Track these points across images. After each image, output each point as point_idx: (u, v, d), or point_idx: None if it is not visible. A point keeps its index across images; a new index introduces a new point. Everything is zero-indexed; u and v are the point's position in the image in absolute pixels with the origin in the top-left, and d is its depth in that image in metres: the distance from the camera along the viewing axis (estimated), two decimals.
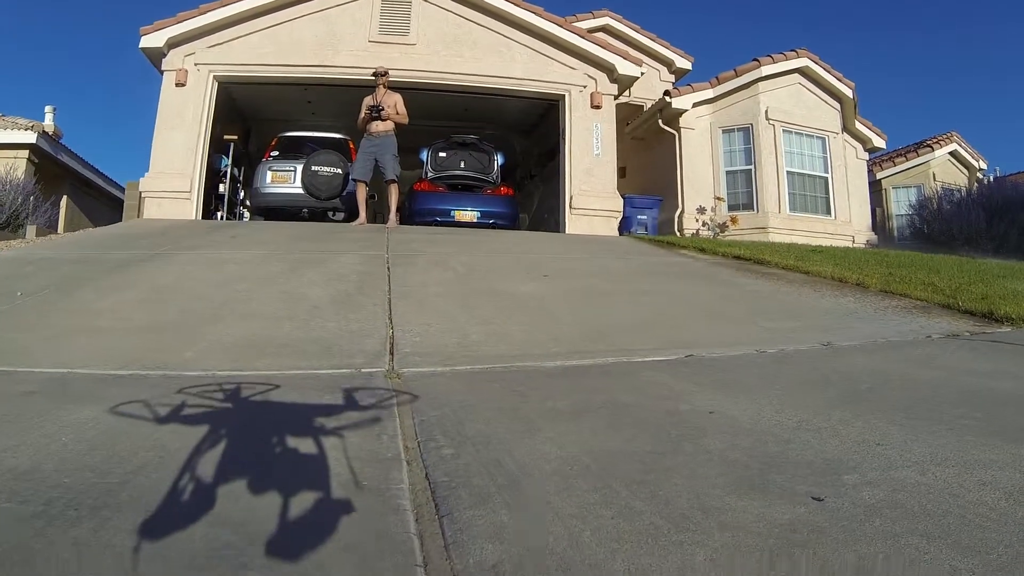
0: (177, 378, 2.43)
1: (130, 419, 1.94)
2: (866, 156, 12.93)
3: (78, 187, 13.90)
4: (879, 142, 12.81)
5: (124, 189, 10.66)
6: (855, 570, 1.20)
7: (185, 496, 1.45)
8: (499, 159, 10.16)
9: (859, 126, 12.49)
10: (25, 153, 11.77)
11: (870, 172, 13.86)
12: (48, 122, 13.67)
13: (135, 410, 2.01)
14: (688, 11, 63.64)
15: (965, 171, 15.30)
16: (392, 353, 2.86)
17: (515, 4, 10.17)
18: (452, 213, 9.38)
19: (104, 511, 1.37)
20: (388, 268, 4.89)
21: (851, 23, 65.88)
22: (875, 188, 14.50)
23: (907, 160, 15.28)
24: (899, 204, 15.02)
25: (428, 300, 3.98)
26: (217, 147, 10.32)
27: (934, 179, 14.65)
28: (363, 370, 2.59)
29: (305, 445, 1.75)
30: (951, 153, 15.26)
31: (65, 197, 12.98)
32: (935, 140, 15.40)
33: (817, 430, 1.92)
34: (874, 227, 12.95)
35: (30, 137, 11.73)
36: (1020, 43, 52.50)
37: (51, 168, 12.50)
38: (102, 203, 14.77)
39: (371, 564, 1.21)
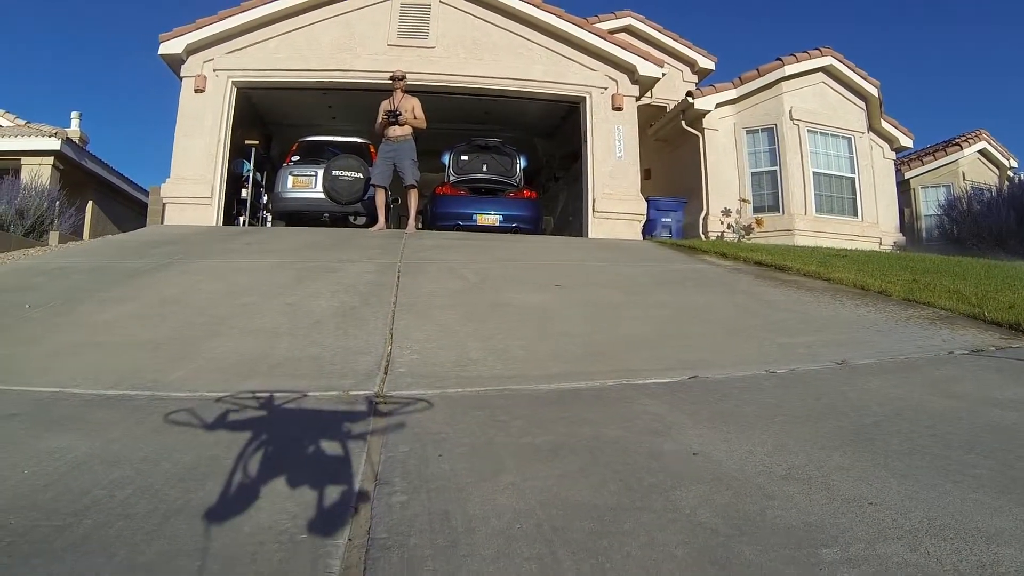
0: (163, 400, 2.41)
1: (100, 449, 1.92)
2: (893, 156, 12.65)
3: (103, 192, 14.08)
4: (906, 141, 12.53)
5: (149, 194, 10.74)
6: None
7: (112, 543, 1.39)
8: (522, 162, 10.05)
9: (885, 125, 12.22)
10: (50, 160, 11.94)
11: (898, 172, 13.56)
12: (74, 127, 13.89)
13: (108, 439, 2.00)
14: (711, 10, 62.97)
15: (995, 170, 14.89)
16: (386, 372, 2.79)
17: (535, 6, 10.07)
18: (474, 217, 9.29)
19: (34, 559, 1.32)
20: (398, 277, 4.81)
21: (875, 20, 64.72)
22: (903, 188, 14.18)
23: (935, 159, 14.91)
24: (928, 204, 14.67)
25: (433, 313, 3.89)
26: (238, 152, 10.36)
27: (963, 178, 14.28)
28: (351, 392, 2.53)
29: (260, 488, 1.68)
30: (980, 151, 14.86)
31: (90, 202, 13.15)
32: (964, 138, 15.00)
33: (807, 480, 1.74)
34: (902, 228, 12.65)
35: (54, 144, 11.89)
36: None
37: (76, 174, 12.66)
38: (128, 208, 14.95)
39: None
